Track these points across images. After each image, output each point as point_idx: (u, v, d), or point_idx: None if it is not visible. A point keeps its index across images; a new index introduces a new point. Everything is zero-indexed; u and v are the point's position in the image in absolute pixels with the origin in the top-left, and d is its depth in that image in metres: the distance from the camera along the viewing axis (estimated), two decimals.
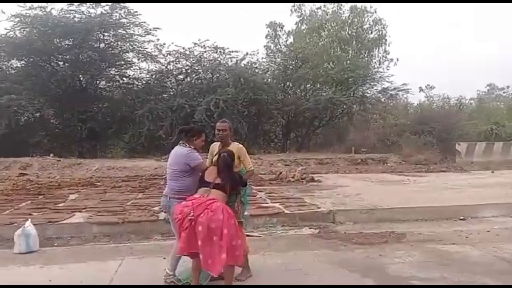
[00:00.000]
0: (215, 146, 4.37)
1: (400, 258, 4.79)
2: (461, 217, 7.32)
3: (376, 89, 24.96)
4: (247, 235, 6.32)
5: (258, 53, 24.50)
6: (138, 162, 16.98)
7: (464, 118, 29.23)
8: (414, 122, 26.50)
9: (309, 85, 25.08)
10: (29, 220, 5.39)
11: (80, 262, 4.69)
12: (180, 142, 4.19)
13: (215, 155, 4.18)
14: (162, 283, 3.97)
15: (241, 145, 4.35)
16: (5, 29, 20.03)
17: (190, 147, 4.10)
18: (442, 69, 53.46)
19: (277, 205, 7.71)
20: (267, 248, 5.17)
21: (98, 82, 22.05)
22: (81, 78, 20.91)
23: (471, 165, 16.77)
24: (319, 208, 7.44)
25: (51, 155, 18.18)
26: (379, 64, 32.70)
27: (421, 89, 35.56)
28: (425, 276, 4.18)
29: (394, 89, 24.79)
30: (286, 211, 7.20)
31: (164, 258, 4.50)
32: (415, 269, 4.38)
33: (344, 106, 23.80)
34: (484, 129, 27.73)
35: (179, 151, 4.12)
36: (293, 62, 23.99)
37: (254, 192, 8.47)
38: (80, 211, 7.20)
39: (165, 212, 4.25)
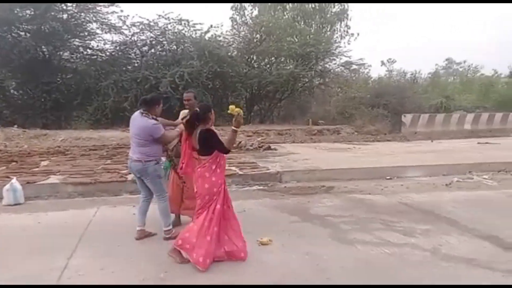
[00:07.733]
0: (185, 113, 4.78)
1: (323, 203, 6.02)
2: (388, 177, 8.69)
3: (335, 64, 26.18)
4: None
5: (222, 25, 25.08)
6: (104, 133, 17.56)
7: (418, 92, 31.17)
8: (372, 95, 28.07)
9: (272, 58, 25.79)
10: (15, 177, 6.23)
11: (62, 210, 5.63)
12: (141, 111, 4.27)
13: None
14: (131, 223, 4.89)
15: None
16: None
17: (152, 117, 4.22)
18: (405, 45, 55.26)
19: (233, 168, 8.77)
20: None
21: (61, 53, 22.04)
22: (44, 49, 20.88)
23: (414, 135, 18.43)
24: (268, 170, 8.58)
25: (15, 126, 18.38)
26: (341, 38, 33.88)
27: (382, 63, 37.37)
28: (338, 214, 5.41)
29: (351, 63, 26.03)
30: (240, 173, 8.29)
31: (134, 206, 5.49)
32: (332, 210, 5.61)
33: (306, 80, 24.98)
34: (435, 102, 29.86)
35: (143, 123, 4.16)
36: (257, 36, 24.69)
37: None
38: (54, 174, 8.01)
39: (141, 176, 4.35)
